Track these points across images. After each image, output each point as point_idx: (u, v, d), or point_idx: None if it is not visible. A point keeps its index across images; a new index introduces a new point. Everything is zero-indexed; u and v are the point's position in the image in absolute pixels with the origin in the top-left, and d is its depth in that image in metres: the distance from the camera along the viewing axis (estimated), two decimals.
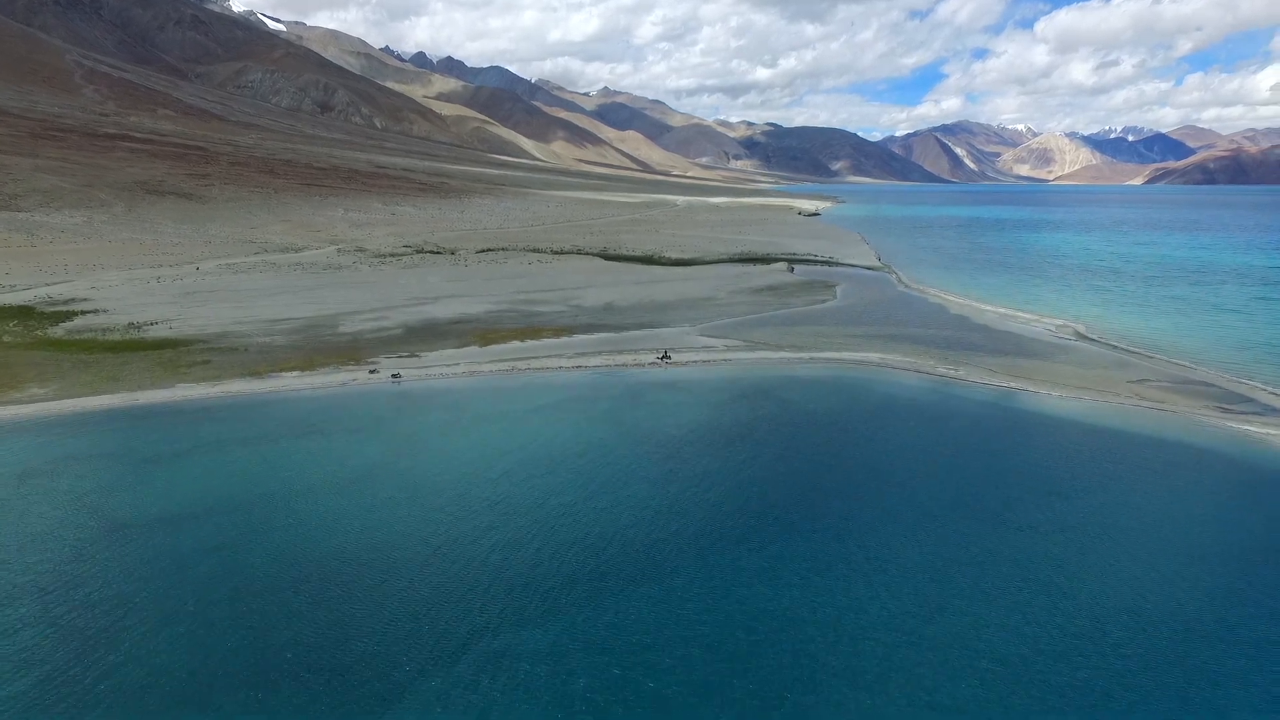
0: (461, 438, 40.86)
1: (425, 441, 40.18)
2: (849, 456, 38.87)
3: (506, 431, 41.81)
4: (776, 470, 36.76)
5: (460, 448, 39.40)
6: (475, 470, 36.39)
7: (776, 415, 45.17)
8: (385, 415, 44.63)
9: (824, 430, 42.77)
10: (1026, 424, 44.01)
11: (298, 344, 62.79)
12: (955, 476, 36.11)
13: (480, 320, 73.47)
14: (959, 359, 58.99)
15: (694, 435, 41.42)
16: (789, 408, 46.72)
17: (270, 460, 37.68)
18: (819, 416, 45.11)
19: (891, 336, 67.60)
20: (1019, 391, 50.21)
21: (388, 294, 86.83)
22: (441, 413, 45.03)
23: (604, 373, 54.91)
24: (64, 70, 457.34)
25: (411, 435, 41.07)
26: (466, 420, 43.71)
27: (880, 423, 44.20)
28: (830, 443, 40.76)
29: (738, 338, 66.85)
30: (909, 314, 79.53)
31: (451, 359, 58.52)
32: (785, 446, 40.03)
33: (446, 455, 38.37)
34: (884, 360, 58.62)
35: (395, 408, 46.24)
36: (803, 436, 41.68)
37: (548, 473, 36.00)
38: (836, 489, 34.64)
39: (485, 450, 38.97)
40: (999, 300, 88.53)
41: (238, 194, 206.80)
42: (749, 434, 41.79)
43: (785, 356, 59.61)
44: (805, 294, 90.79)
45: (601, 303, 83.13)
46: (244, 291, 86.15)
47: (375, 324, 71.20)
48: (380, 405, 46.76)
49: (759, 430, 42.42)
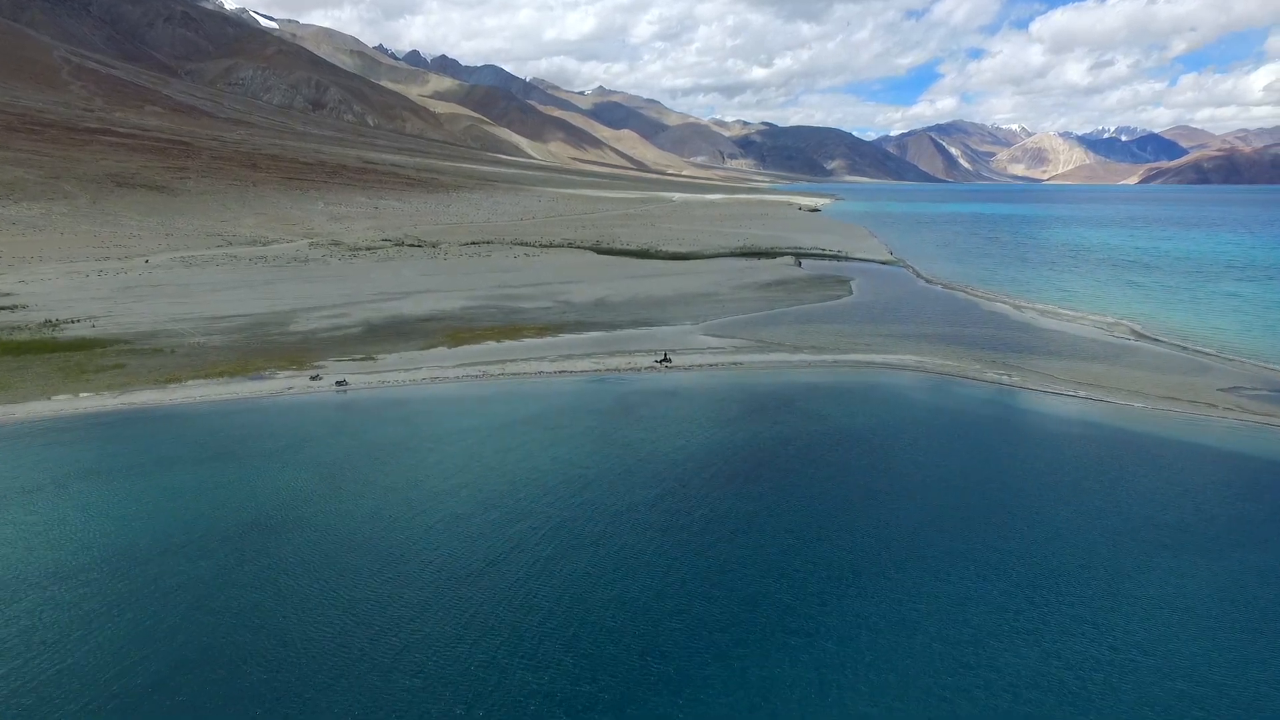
0: (405, 466, 31.98)
1: (357, 471, 31.29)
2: (903, 492, 30.14)
3: (465, 457, 32.95)
4: (812, 513, 28.00)
5: (401, 481, 30.52)
6: (416, 514, 27.54)
7: (804, 434, 36.43)
8: (315, 434, 35.71)
9: (866, 454, 34.02)
10: (1121, 446, 35.32)
11: (236, 345, 53.81)
12: (1055, 523, 27.42)
13: (454, 317, 64.57)
14: (1009, 362, 50.37)
15: (702, 462, 32.64)
16: (819, 423, 37.97)
17: (148, 498, 28.74)
18: (858, 435, 36.36)
19: (923, 336, 58.97)
20: (1094, 402, 41.58)
21: (354, 288, 77.83)
22: (387, 430, 36.13)
23: (593, 379, 46.10)
24: (51, 66, 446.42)
25: (341, 462, 32.16)
26: (416, 441, 34.81)
27: (935, 444, 35.48)
28: (876, 472, 32.00)
29: (747, 337, 58.12)
30: (936, 311, 70.94)
31: (413, 362, 49.63)
32: (820, 478, 31.28)
33: (382, 492, 29.48)
34: (921, 364, 49.96)
35: (331, 424, 37.32)
36: (840, 463, 32.93)
37: (511, 518, 27.18)
38: (894, 541, 25.91)
39: (434, 484, 30.11)
40: (1032, 296, 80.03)
41: (213, 187, 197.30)
42: (771, 460, 33.02)
43: (805, 359, 50.89)
44: (818, 289, 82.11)
45: (592, 298, 74.32)
46: (192, 286, 77.02)
47: (332, 321, 62.24)
48: (313, 420, 37.83)
49: (784, 455, 33.66)
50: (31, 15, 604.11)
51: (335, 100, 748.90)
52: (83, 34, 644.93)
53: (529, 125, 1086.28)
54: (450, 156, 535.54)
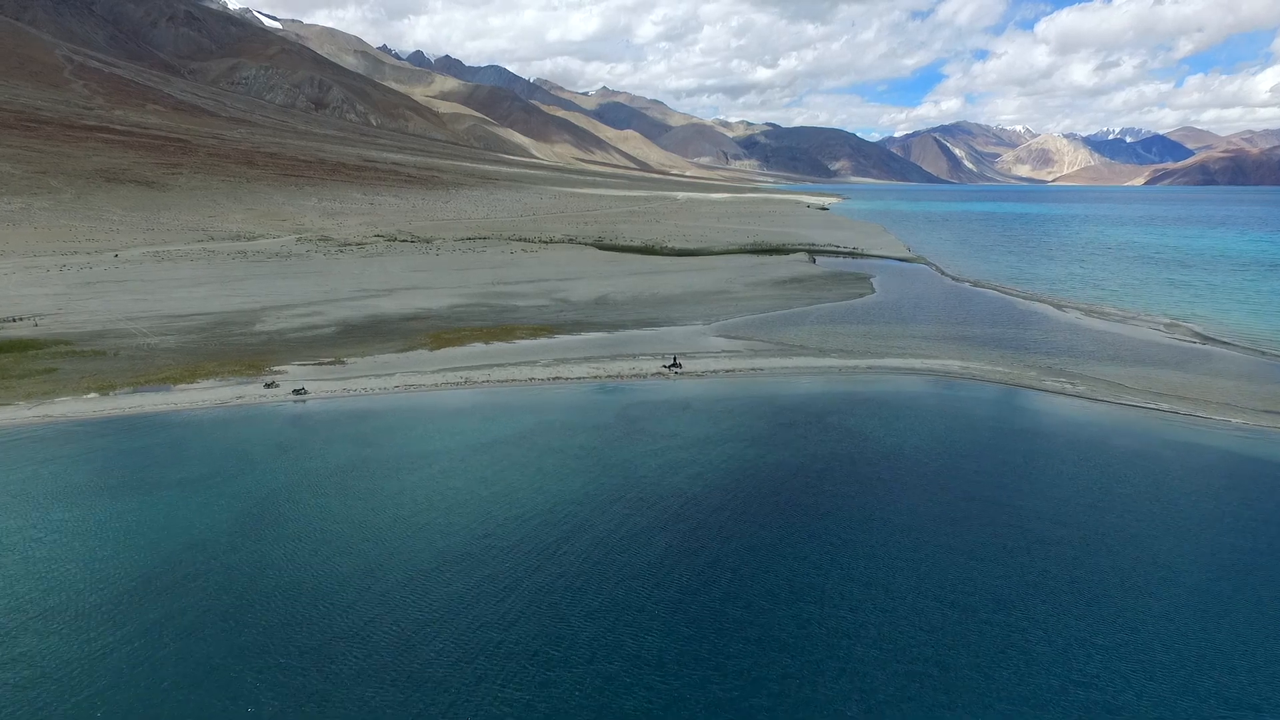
0: (354, 502, 25.83)
1: (292, 507, 25.16)
2: (984, 543, 23.86)
3: (429, 490, 26.79)
4: (872, 580, 21.77)
5: (346, 523, 24.38)
6: (363, 567, 21.40)
7: (846, 460, 30.19)
8: (254, 456, 29.57)
9: (926, 488, 27.78)
10: (1236, 476, 29.01)
11: (190, 346, 47.76)
12: (1205, 590, 21.16)
13: (439, 316, 58.46)
14: (1067, 369, 44.07)
15: (722, 497, 26.44)
16: (861, 444, 31.72)
17: (8, 548, 22.60)
18: (912, 462, 30.12)
19: (962, 339, 52.68)
20: (1182, 417, 35.25)
21: (334, 285, 71.79)
22: (342, 451, 29.99)
23: (592, 387, 39.92)
24: (54, 65, 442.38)
25: (275, 495, 26.03)
26: (374, 466, 28.63)
27: (1009, 475, 29.20)
28: (942, 515, 25.73)
29: (765, 339, 51.90)
30: (970, 311, 64.62)
31: (386, 367, 43.49)
32: (874, 523, 25.03)
33: (316, 540, 23.34)
34: (967, 370, 43.67)
35: (276, 443, 31.17)
36: (896, 501, 26.70)
37: (478, 585, 21.00)
38: (985, 619, 19.68)
39: (385, 529, 23.96)
40: (1070, 295, 73.66)
41: (205, 183, 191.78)
42: (809, 497, 26.81)
43: (834, 365, 44.62)
44: (837, 287, 75.84)
45: (593, 296, 68.15)
46: (159, 281, 71.05)
47: (304, 320, 56.17)
48: (255, 439, 31.69)
49: (824, 489, 27.44)
50: (34, 14, 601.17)
51: (338, 100, 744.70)
52: (85, 33, 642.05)
53: (532, 125, 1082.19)
54: (452, 156, 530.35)
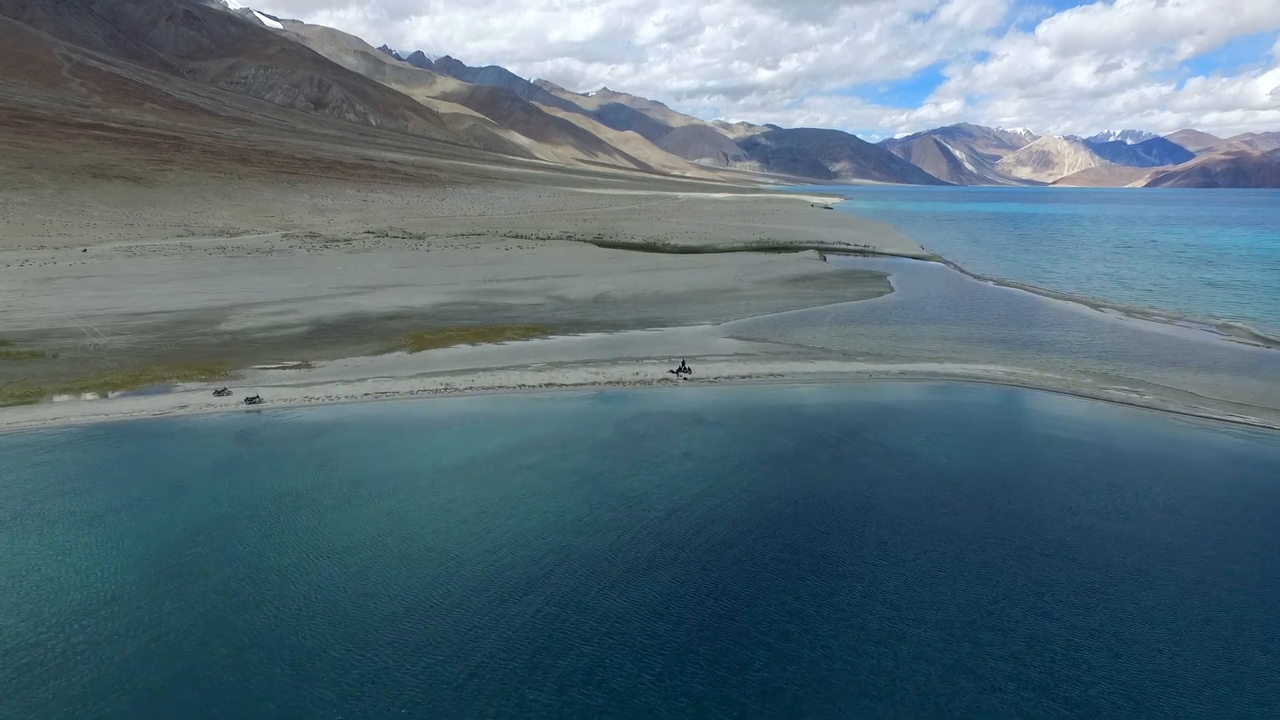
0: (301, 534, 20.95)
1: (226, 543, 20.31)
2: (1074, 591, 18.96)
3: (388, 521, 21.88)
4: (927, 640, 16.87)
5: (287, 562, 19.50)
6: (296, 625, 16.51)
7: (888, 484, 25.30)
8: (187, 480, 24.64)
9: (989, 521, 22.87)
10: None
11: (142, 347, 42.86)
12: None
13: (423, 315, 53.56)
14: (1126, 375, 39.19)
15: (750, 541, 21.56)
16: (909, 467, 26.81)
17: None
18: (969, 488, 25.22)
19: (997, 341, 47.81)
20: (1275, 433, 30.34)
21: (314, 282, 66.88)
22: (292, 473, 25.09)
23: (589, 395, 35.01)
24: (52, 64, 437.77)
25: (209, 529, 21.14)
26: (327, 491, 23.71)
27: (1084, 500, 24.29)
28: (1025, 562, 20.81)
29: (781, 340, 47.02)
30: (1000, 311, 59.75)
31: (358, 371, 38.59)
32: (929, 569, 20.13)
33: (253, 584, 18.46)
34: (1013, 376, 38.77)
35: (216, 463, 26.25)
36: (956, 538, 21.80)
37: (439, 630, 16.08)
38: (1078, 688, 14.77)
39: (330, 575, 19.07)
40: (1103, 295, 68.82)
41: (195, 179, 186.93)
42: (853, 540, 21.93)
43: (862, 370, 39.72)
44: (853, 285, 70.97)
45: (591, 294, 63.26)
46: (125, 277, 66.14)
47: (275, 319, 51.26)
48: (192, 458, 26.78)
49: (865, 524, 22.56)
50: (33, 13, 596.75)
51: (337, 99, 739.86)
52: (84, 32, 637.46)
53: (532, 126, 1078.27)
54: (451, 155, 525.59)
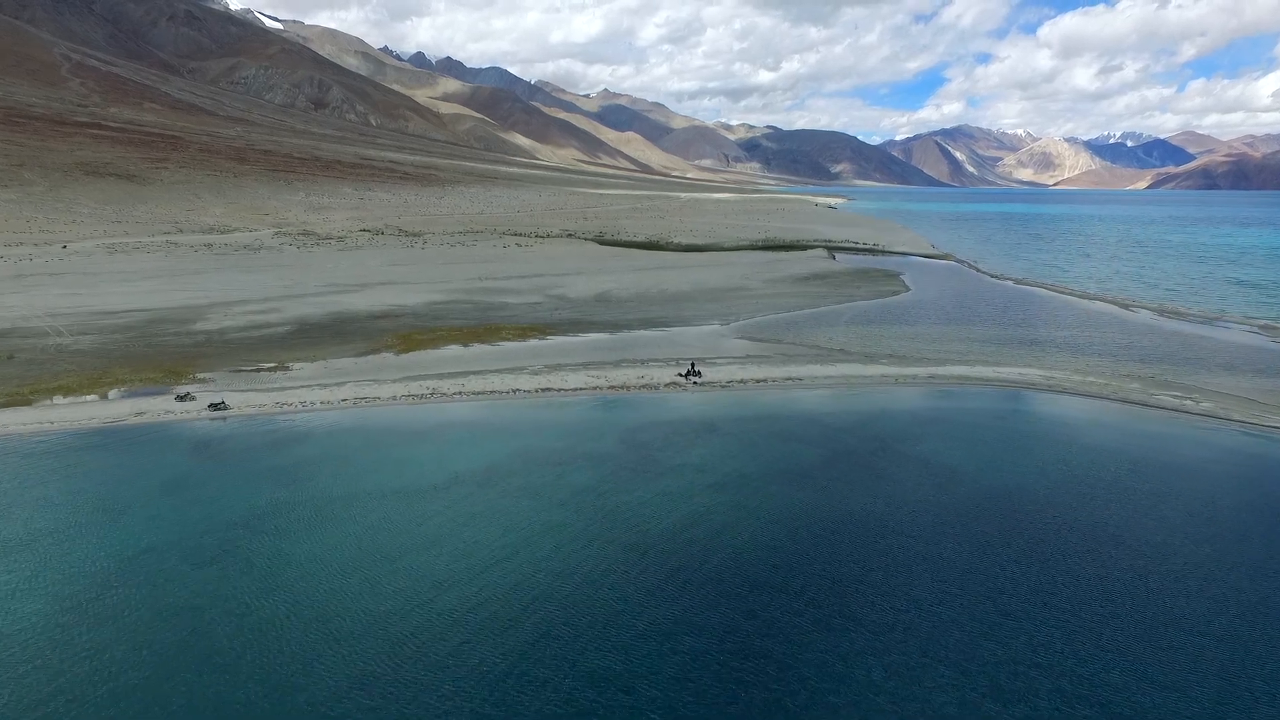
0: (254, 566, 17.76)
1: (169, 576, 17.10)
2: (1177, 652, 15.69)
3: (355, 553, 18.64)
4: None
5: (236, 599, 16.29)
6: (237, 678, 13.23)
7: (935, 507, 22.05)
8: (130, 500, 21.40)
9: (1052, 548, 19.63)
10: None
11: (108, 348, 39.67)
12: None
13: (414, 314, 50.37)
14: (1172, 379, 35.95)
15: (775, 571, 18.32)
16: (950, 484, 23.56)
17: None
18: (1025, 509, 21.97)
19: (1027, 343, 44.58)
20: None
21: (301, 279, 63.71)
22: (251, 491, 21.85)
23: (590, 401, 31.79)
24: (51, 63, 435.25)
25: (148, 558, 17.94)
26: (288, 514, 20.47)
27: (1170, 527, 21.01)
28: (1091, 589, 17.55)
29: (796, 341, 43.80)
30: (1025, 311, 56.51)
31: (338, 374, 35.38)
32: (1001, 621, 16.85)
33: (193, 624, 15.26)
34: (1052, 380, 35.52)
35: (167, 479, 23.02)
36: (1013, 571, 18.52)
37: (411, 679, 12.81)
38: None
39: (282, 611, 15.80)
40: (1131, 294, 65.58)
41: (189, 177, 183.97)
42: (894, 570, 18.68)
43: (888, 373, 36.48)
44: (867, 284, 67.75)
45: (592, 292, 60.04)
46: (102, 275, 62.99)
47: (255, 318, 48.06)
48: (140, 472, 23.55)
49: (915, 556, 19.32)
50: (34, 13, 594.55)
51: (338, 100, 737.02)
52: (85, 32, 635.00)
53: (533, 127, 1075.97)
54: (451, 155, 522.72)
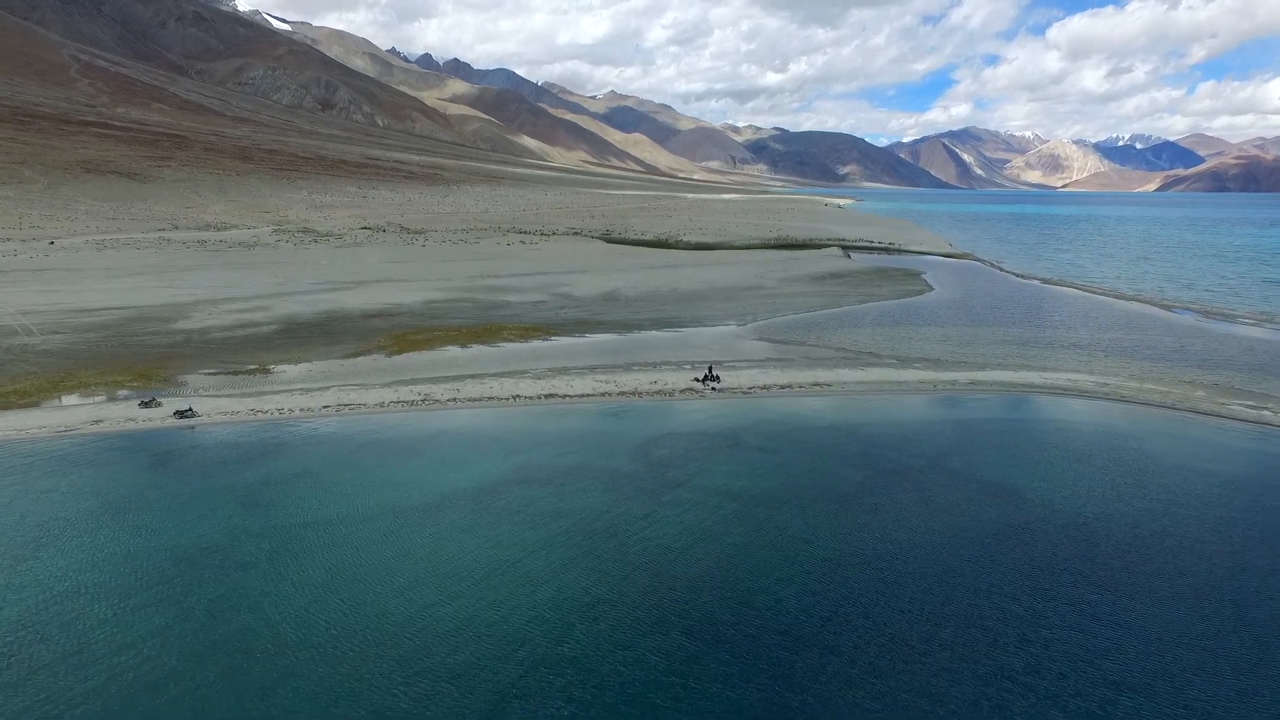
0: (201, 608, 14.68)
1: (97, 619, 13.89)
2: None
3: (322, 589, 15.52)
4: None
5: (177, 648, 13.13)
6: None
7: (1007, 537, 18.81)
8: (59, 524, 18.33)
9: (1155, 594, 16.32)
10: None
11: (79, 348, 36.74)
12: None
13: (410, 313, 47.34)
14: (1241, 385, 32.59)
15: (824, 636, 15.08)
16: (1019, 511, 20.30)
17: None
18: (1114, 542, 18.72)
19: (1070, 346, 41.24)
20: None
21: (295, 276, 60.80)
22: (205, 513, 18.77)
23: (598, 409, 28.65)
24: (60, 64, 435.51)
25: (72, 597, 14.76)
26: (247, 544, 17.38)
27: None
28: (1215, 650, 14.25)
29: (819, 343, 40.58)
30: (1060, 313, 53.12)
31: (324, 377, 32.33)
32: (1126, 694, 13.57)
33: (123, 678, 12.05)
34: (1105, 387, 32.20)
35: (109, 500, 19.96)
36: (1120, 632, 15.23)
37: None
38: None
39: (237, 672, 12.62)
40: (1167, 296, 62.11)
41: (191, 175, 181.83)
42: (967, 623, 15.39)
43: (924, 379, 33.21)
44: (887, 284, 64.44)
45: (600, 291, 56.91)
46: (86, 271, 60.21)
47: (241, 317, 45.09)
48: (84, 490, 20.50)
49: (990, 605, 16.04)
50: (43, 14, 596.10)
51: (345, 100, 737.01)
52: (93, 33, 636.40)
53: (539, 127, 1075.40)
54: (458, 156, 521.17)
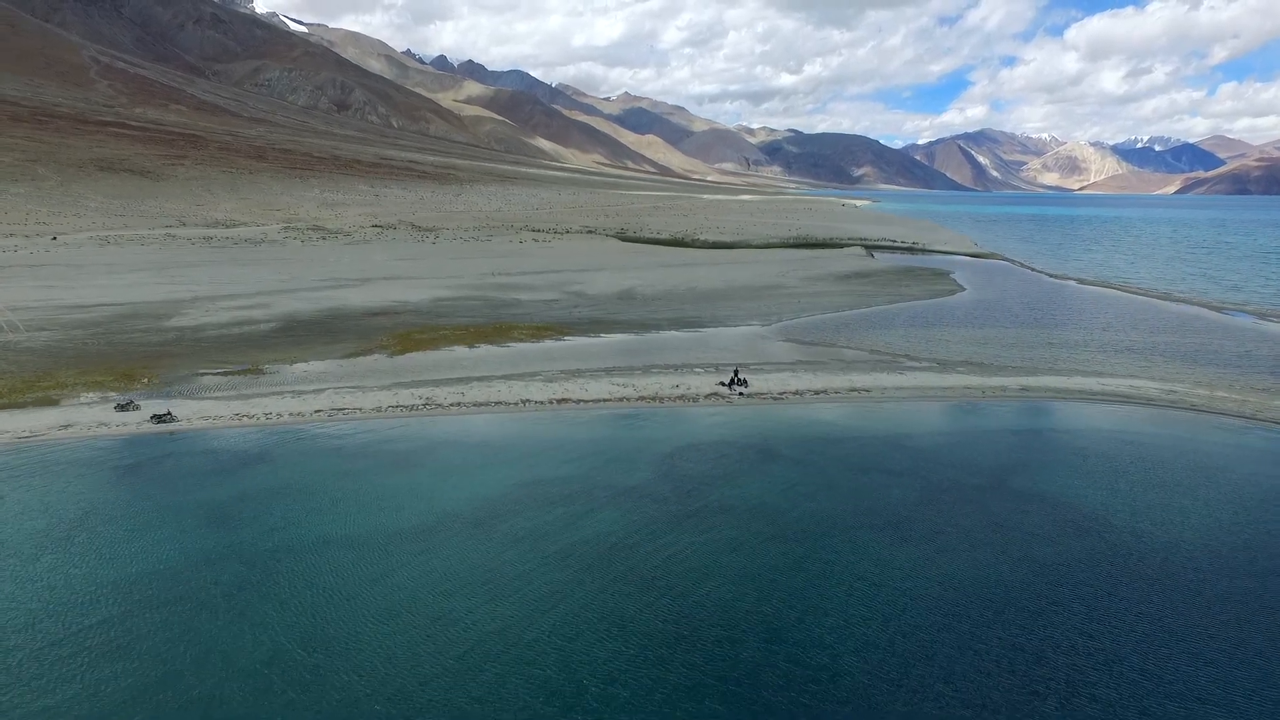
0: (150, 648, 12.05)
1: (25, 670, 11.43)
2: None
3: (303, 624, 12.98)
4: None
5: (110, 703, 10.51)
6: None
7: (1100, 577, 15.99)
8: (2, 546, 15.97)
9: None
10: None
11: (63, 346, 34.62)
12: None
13: (416, 311, 44.97)
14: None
15: (897, 703, 12.29)
16: (1105, 539, 17.51)
17: None
18: (1242, 592, 15.85)
19: (1124, 350, 38.20)
20: None
21: (299, 273, 58.68)
22: (168, 536, 16.37)
23: (614, 416, 26.04)
24: (80, 65, 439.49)
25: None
26: (218, 571, 14.90)
27: None
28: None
29: (850, 345, 37.79)
30: (1103, 315, 49.94)
31: (319, 379, 29.96)
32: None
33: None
34: (1172, 395, 29.23)
35: (56, 523, 17.60)
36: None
37: None
38: None
39: None
40: (1214, 297, 58.71)
41: (204, 174, 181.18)
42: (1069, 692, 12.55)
43: (970, 385, 30.35)
44: (916, 283, 61.44)
45: (615, 290, 54.33)
46: (85, 267, 58.40)
47: (240, 314, 42.89)
48: (31, 509, 18.13)
49: (1094, 664, 13.19)
50: (64, 16, 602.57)
51: (360, 102, 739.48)
52: (113, 34, 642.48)
53: (553, 129, 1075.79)
54: (472, 156, 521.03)
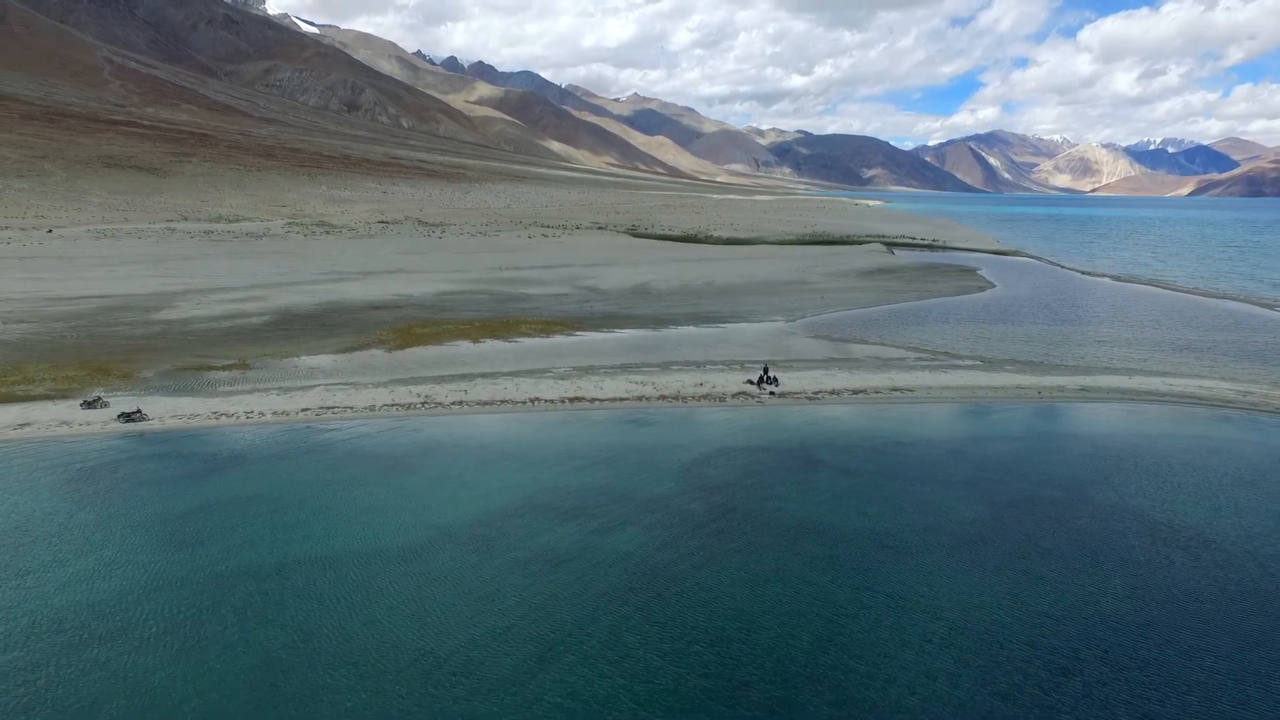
0: (102, 689, 9.47)
1: None
2: None
3: (276, 661, 10.39)
4: None
5: None
6: None
7: (1234, 615, 13.21)
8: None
9: None
10: None
11: (39, 339, 32.33)
12: None
13: (419, 305, 42.51)
14: None
15: None
16: (1228, 571, 14.76)
17: None
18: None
19: (1183, 349, 35.30)
20: None
21: (299, 266, 56.38)
22: (122, 556, 13.83)
23: (631, 417, 23.41)
24: (93, 66, 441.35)
25: None
26: (176, 594, 12.35)
27: None
28: None
29: (884, 341, 35.05)
30: (1152, 312, 46.95)
31: (309, 374, 27.50)
32: None
33: None
34: (1250, 397, 26.39)
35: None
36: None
37: None
38: None
39: None
40: (1264, 296, 55.59)
41: (212, 171, 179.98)
42: None
43: (1022, 384, 27.57)
44: (942, 279, 58.54)
45: (629, 284, 51.74)
46: (78, 259, 56.29)
47: (232, 307, 40.53)
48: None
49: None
50: (78, 17, 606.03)
51: (370, 102, 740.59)
52: (127, 35, 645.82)
53: (563, 130, 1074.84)
54: (481, 156, 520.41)
